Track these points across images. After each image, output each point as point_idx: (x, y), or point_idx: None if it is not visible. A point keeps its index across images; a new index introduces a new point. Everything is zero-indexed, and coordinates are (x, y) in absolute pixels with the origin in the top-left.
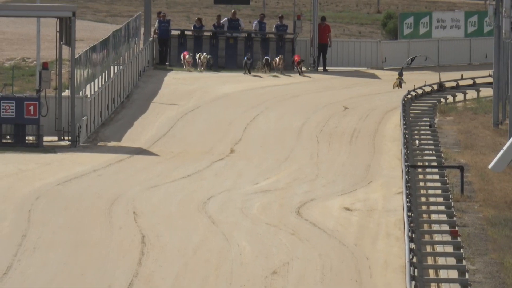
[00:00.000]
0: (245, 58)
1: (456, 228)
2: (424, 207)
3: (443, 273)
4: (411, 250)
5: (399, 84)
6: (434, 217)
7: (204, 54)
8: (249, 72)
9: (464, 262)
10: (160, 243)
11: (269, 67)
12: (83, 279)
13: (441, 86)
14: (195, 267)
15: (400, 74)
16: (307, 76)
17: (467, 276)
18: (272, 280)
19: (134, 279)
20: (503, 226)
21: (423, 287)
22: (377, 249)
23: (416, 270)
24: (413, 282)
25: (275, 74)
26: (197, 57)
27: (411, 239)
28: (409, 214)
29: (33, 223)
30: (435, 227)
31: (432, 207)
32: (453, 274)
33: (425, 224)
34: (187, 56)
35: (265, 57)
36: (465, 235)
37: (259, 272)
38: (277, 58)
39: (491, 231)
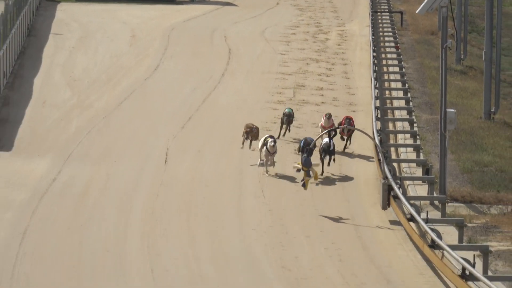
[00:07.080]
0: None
1: (398, 44)
2: (381, 33)
3: (391, 68)
4: (374, 56)
5: (304, 184)
6: (387, 38)
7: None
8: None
9: (403, 63)
10: (239, 52)
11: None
12: (197, 73)
13: None
14: (258, 68)
15: (307, 164)
16: None
17: (404, 70)
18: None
19: (225, 72)
20: (423, 43)
21: (380, 75)
22: (356, 55)
23: (376, 67)
24: (374, 73)
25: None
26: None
27: (374, 50)
28: (373, 37)
29: (171, 43)
30: (387, 44)
31: (386, 33)
32: (396, 69)
33: (381, 43)
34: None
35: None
36: (403, 48)
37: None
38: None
39: (417, 46)
